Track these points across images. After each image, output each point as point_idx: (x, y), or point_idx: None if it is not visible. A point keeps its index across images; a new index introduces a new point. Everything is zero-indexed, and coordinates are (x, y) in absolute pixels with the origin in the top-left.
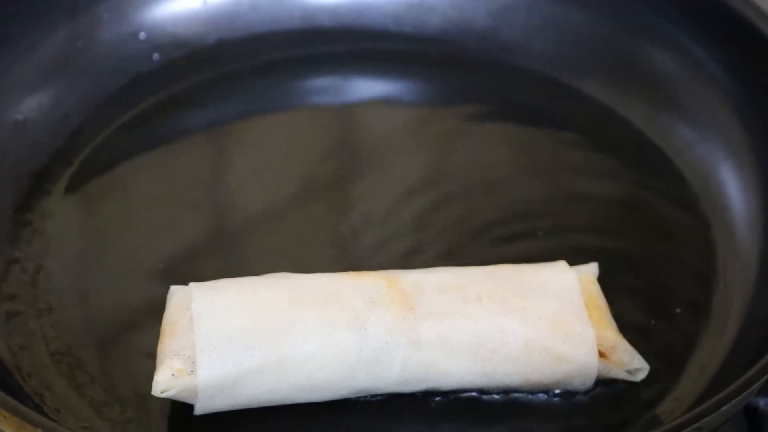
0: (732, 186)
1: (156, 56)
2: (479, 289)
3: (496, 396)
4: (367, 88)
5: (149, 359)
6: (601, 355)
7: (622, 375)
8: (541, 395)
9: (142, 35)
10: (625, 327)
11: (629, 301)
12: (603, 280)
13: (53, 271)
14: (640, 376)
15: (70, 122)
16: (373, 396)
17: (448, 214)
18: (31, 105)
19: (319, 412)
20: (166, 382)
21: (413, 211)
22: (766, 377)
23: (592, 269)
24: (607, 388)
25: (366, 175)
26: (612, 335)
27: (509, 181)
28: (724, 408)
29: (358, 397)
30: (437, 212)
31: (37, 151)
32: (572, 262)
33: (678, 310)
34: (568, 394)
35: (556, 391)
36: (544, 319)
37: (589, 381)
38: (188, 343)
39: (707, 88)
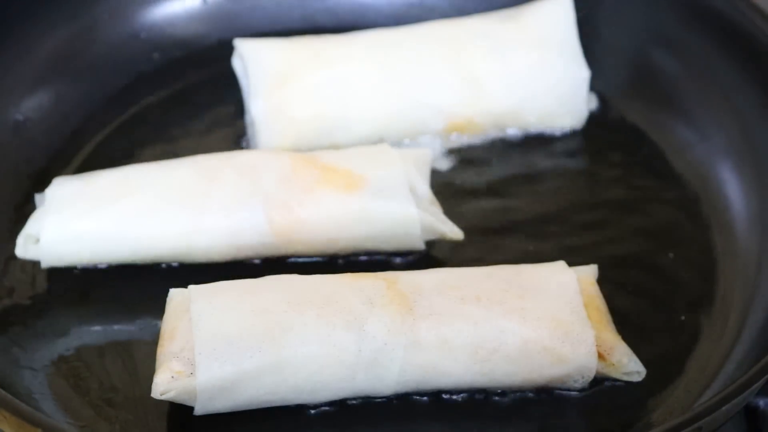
0: (732, 186)
1: (156, 56)
2: (478, 290)
3: (495, 396)
4: None
5: (148, 359)
6: (600, 356)
7: (619, 377)
8: (539, 395)
9: (142, 35)
10: (624, 328)
11: (628, 302)
12: (602, 281)
13: (53, 270)
14: (636, 379)
15: (70, 122)
16: (372, 397)
17: None
18: (31, 105)
19: (318, 413)
20: (166, 384)
21: None
22: (766, 377)
23: (591, 270)
24: (605, 388)
25: None
26: (611, 337)
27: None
28: (724, 408)
29: (357, 398)
30: None
31: (37, 151)
32: (571, 263)
33: (677, 311)
34: (567, 394)
35: (555, 391)
36: (543, 320)
37: (587, 381)
38: (187, 345)
39: (708, 88)
